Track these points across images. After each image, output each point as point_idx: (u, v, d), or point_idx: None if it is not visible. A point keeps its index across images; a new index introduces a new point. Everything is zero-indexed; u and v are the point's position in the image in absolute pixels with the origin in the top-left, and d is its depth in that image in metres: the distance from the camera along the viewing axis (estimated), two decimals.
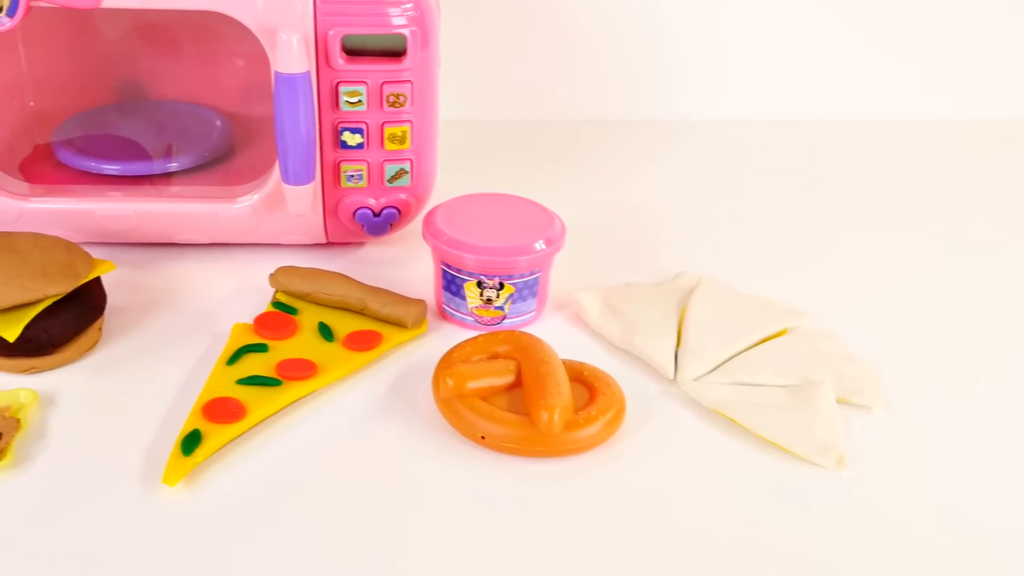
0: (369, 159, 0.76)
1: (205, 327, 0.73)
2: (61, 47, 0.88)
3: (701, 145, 1.06)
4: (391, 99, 0.74)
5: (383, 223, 0.79)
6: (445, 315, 0.75)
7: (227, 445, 0.62)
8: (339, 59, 0.72)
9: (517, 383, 0.66)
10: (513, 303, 0.73)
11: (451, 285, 0.73)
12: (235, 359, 0.68)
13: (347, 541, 0.57)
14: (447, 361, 0.66)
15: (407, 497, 0.60)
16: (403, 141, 0.75)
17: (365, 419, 0.65)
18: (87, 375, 0.68)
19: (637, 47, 1.08)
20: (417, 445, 0.64)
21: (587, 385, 0.66)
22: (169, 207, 0.78)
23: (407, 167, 0.77)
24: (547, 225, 0.73)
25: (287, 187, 0.74)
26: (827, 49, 1.09)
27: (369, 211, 0.78)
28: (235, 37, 0.74)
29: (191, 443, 0.60)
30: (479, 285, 0.72)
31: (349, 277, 0.75)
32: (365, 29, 0.71)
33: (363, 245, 0.84)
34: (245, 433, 0.63)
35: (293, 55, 0.69)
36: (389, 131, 0.75)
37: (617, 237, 0.88)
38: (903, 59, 1.10)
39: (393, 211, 0.79)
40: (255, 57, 0.76)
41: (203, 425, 0.62)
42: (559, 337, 0.72)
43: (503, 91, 1.09)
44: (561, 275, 0.76)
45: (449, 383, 0.64)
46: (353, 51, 0.73)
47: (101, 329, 0.71)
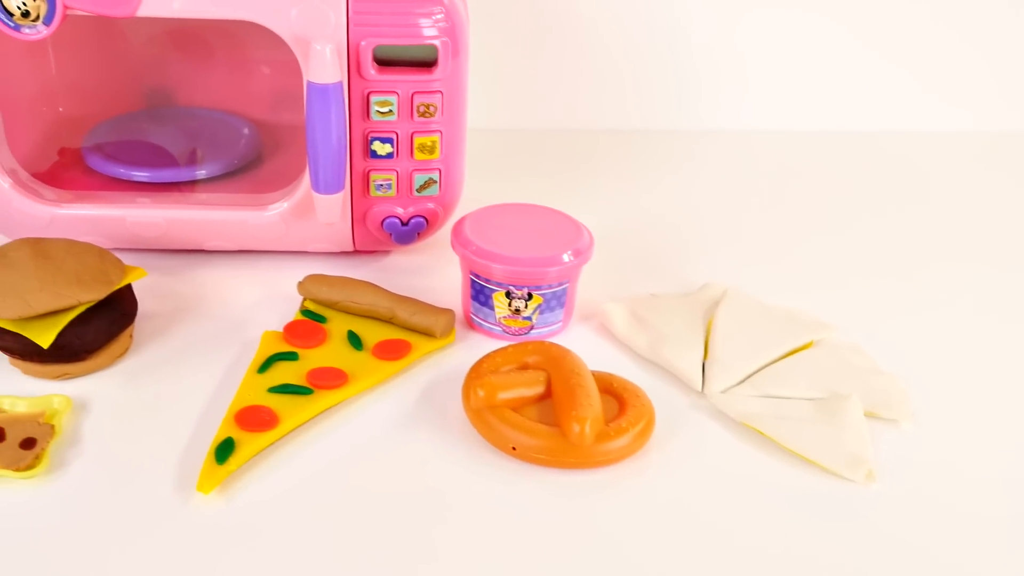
0: (398, 168, 0.76)
1: (234, 334, 0.74)
2: (90, 53, 0.89)
3: (722, 155, 1.07)
4: (421, 109, 0.74)
5: (411, 232, 0.79)
6: (473, 324, 0.75)
7: (259, 453, 0.62)
8: (371, 69, 0.72)
9: (547, 394, 0.66)
10: (541, 313, 0.73)
11: (479, 295, 0.73)
12: (266, 367, 0.68)
13: (379, 551, 0.57)
14: (477, 371, 0.67)
15: (438, 507, 0.60)
16: (432, 151, 0.76)
17: (395, 428, 0.66)
18: (119, 381, 0.68)
19: (658, 56, 1.08)
20: (448, 455, 0.64)
21: (616, 397, 0.66)
22: (199, 214, 0.78)
23: (436, 177, 0.77)
24: (575, 236, 0.74)
25: (317, 196, 0.74)
26: (851, 59, 1.09)
27: (397, 220, 0.79)
28: (264, 44, 0.74)
29: (225, 451, 0.60)
30: (508, 295, 0.72)
31: (377, 286, 0.75)
32: (397, 40, 0.72)
33: (389, 253, 0.84)
34: (277, 441, 0.64)
35: (326, 65, 0.69)
36: (419, 141, 0.75)
37: (641, 247, 0.88)
38: (929, 70, 1.10)
39: (421, 220, 0.79)
40: (283, 65, 0.76)
41: (236, 433, 0.62)
42: (587, 347, 0.72)
43: (523, 99, 1.09)
44: (587, 285, 0.77)
45: (480, 394, 0.64)
46: (384, 61, 0.73)
47: (132, 336, 0.72)
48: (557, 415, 0.63)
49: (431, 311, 0.73)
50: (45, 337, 0.66)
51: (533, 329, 0.74)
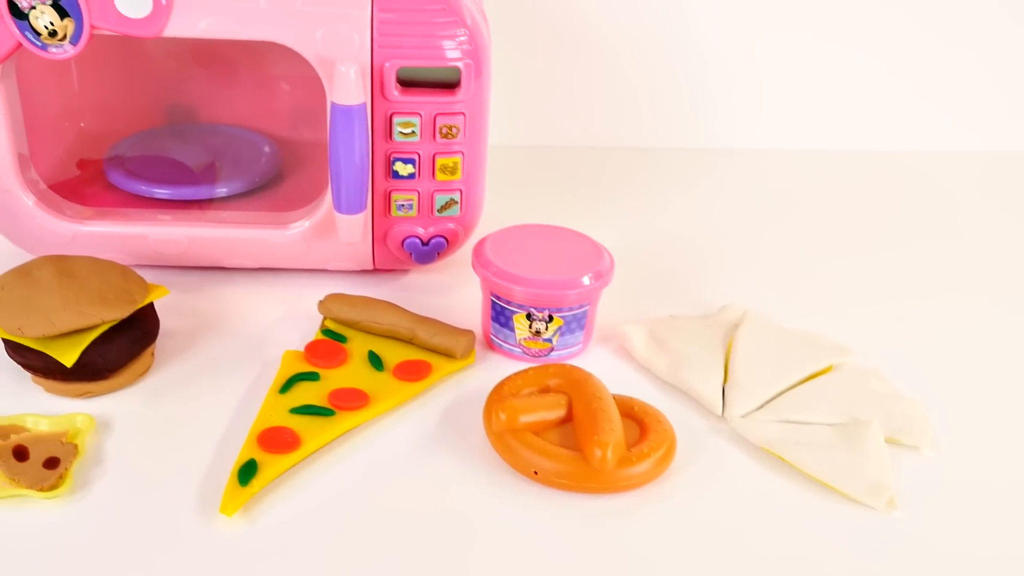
0: (420, 189, 0.77)
1: (255, 353, 0.74)
2: (113, 70, 0.89)
3: (739, 174, 1.07)
4: (444, 130, 0.74)
5: (431, 252, 0.80)
6: (492, 345, 0.75)
7: (281, 475, 0.63)
8: (394, 91, 0.73)
9: (568, 417, 0.66)
10: (561, 335, 0.73)
11: (500, 316, 0.73)
12: (287, 387, 0.68)
13: (402, 574, 0.57)
14: (498, 394, 0.67)
15: (461, 531, 0.60)
16: (454, 172, 0.76)
17: (417, 450, 0.66)
18: (141, 400, 0.69)
19: (674, 74, 1.08)
20: (469, 478, 0.64)
21: (638, 421, 0.66)
22: (221, 232, 0.79)
23: (457, 197, 0.77)
24: (596, 258, 0.74)
25: (339, 216, 0.75)
26: (870, 79, 1.09)
27: (418, 240, 0.79)
28: (285, 62, 0.74)
29: (247, 473, 0.61)
30: (528, 317, 0.72)
31: (398, 306, 0.75)
32: (420, 61, 0.72)
33: (408, 272, 0.84)
34: (299, 463, 0.64)
35: (351, 87, 0.70)
36: (441, 162, 0.76)
37: (659, 266, 0.88)
38: (947, 89, 1.10)
39: (441, 240, 0.79)
40: (304, 81, 0.77)
41: (259, 455, 0.62)
42: (606, 369, 0.72)
43: (538, 116, 1.09)
44: (605, 305, 0.77)
45: (501, 417, 0.64)
46: (407, 82, 0.73)
47: (154, 354, 0.72)
48: (579, 439, 0.63)
49: (451, 332, 0.73)
50: (69, 356, 0.66)
51: (553, 351, 0.74)
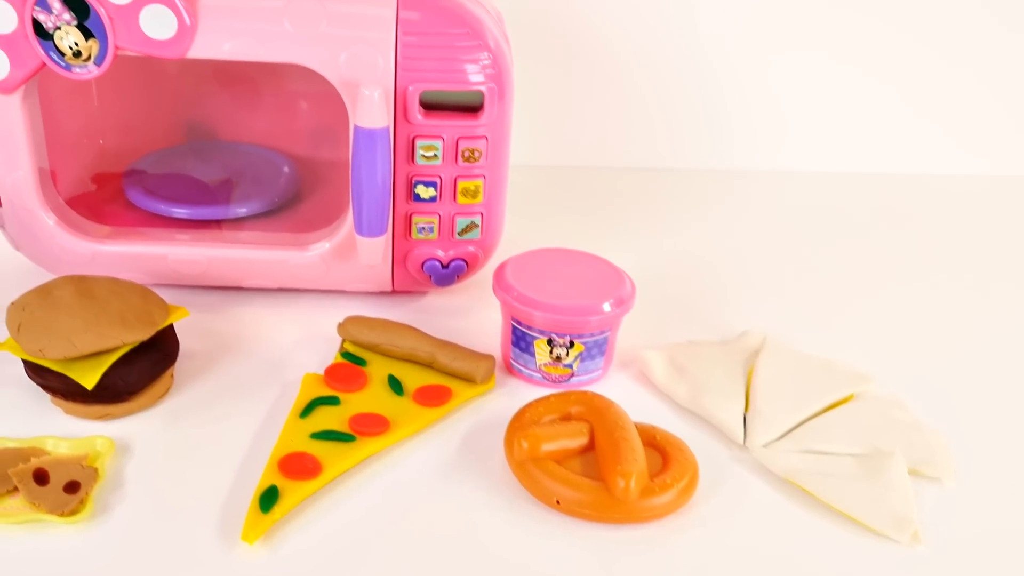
0: (441, 212, 0.77)
1: (275, 375, 0.73)
2: (133, 87, 0.89)
3: (756, 196, 1.07)
4: (466, 154, 0.74)
5: (450, 275, 0.79)
6: (512, 370, 0.75)
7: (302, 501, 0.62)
8: (417, 114, 0.72)
9: (590, 446, 0.66)
10: (582, 361, 0.73)
11: (520, 341, 0.73)
12: (308, 412, 0.68)
13: None
14: (519, 422, 0.67)
15: (483, 560, 0.60)
16: (475, 195, 0.76)
17: (437, 477, 0.65)
18: (161, 423, 0.68)
19: (690, 94, 1.08)
20: (491, 506, 0.63)
21: (660, 450, 0.66)
22: (240, 253, 0.78)
23: (478, 220, 0.77)
24: (618, 284, 0.73)
25: (360, 238, 0.74)
26: (890, 101, 1.09)
27: (438, 263, 0.79)
28: (304, 81, 0.74)
29: (269, 500, 0.60)
30: (549, 343, 0.72)
31: (417, 329, 0.75)
32: (444, 85, 0.72)
33: (426, 293, 0.84)
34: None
35: (374, 110, 0.69)
36: (462, 185, 0.75)
37: (677, 289, 0.88)
38: (970, 113, 1.10)
39: (461, 263, 0.79)
40: (323, 100, 0.76)
41: (280, 481, 0.62)
42: (627, 395, 0.72)
43: (553, 136, 1.09)
44: (624, 329, 0.76)
45: (524, 445, 0.64)
46: (430, 105, 0.73)
47: (173, 375, 0.72)
48: (601, 469, 0.63)
49: (472, 357, 0.73)
50: (89, 378, 0.66)
51: (573, 376, 0.74)
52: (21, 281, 0.78)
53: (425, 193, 0.76)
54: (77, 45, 0.69)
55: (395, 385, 0.71)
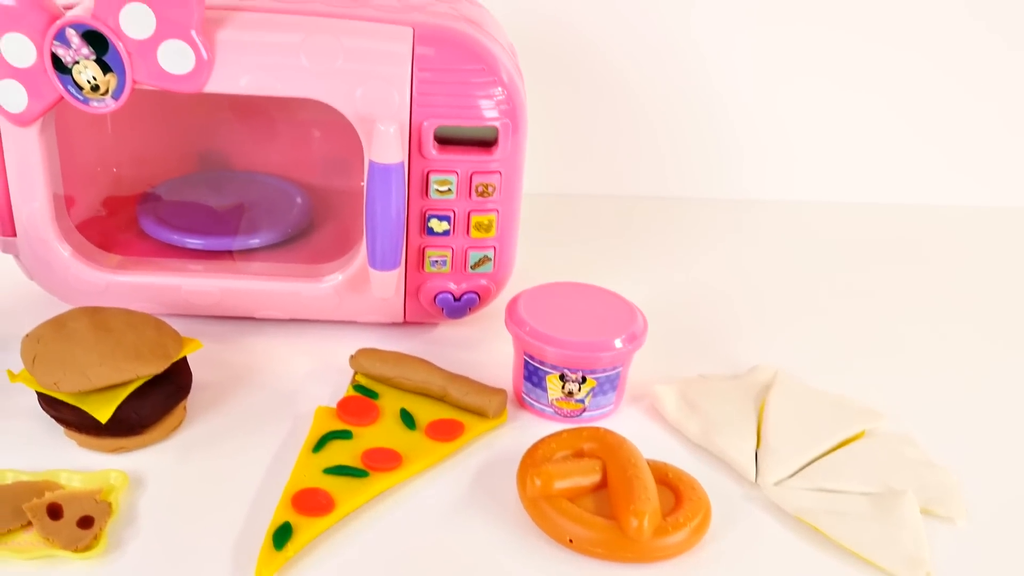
0: (454, 245, 0.77)
1: (287, 407, 0.74)
2: (147, 116, 0.90)
3: (765, 226, 1.07)
4: (480, 189, 0.74)
5: (462, 307, 0.80)
6: (524, 404, 0.75)
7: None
8: (432, 149, 0.73)
9: (602, 483, 0.66)
10: (594, 396, 0.73)
11: (533, 376, 0.73)
12: (320, 446, 0.68)
13: None
14: (532, 458, 0.67)
15: None
16: (488, 229, 0.76)
17: (450, 514, 0.65)
18: (174, 456, 0.68)
19: (698, 123, 1.09)
20: (503, 543, 0.63)
21: (672, 488, 0.66)
22: (254, 284, 0.79)
23: (490, 254, 0.78)
24: (630, 320, 0.74)
25: (373, 271, 0.75)
26: (901, 130, 1.10)
27: (450, 295, 0.79)
28: (317, 111, 0.74)
29: (283, 537, 0.60)
30: (562, 378, 0.72)
31: (429, 363, 0.75)
32: (459, 121, 0.72)
33: (437, 325, 0.84)
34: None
35: (390, 145, 0.70)
36: (476, 219, 0.76)
37: (687, 321, 0.88)
38: (983, 142, 1.10)
39: (473, 296, 0.79)
40: (336, 131, 0.77)
41: (293, 517, 0.62)
42: (638, 431, 0.72)
43: (563, 164, 1.10)
44: (635, 362, 0.76)
45: (536, 483, 0.64)
46: (444, 140, 0.74)
47: (186, 408, 0.72)
48: (614, 507, 0.63)
49: (484, 391, 0.73)
50: (103, 411, 0.66)
51: (585, 411, 0.74)
52: (34, 310, 0.78)
53: (438, 227, 0.76)
54: (95, 79, 0.69)
55: (407, 419, 0.71)
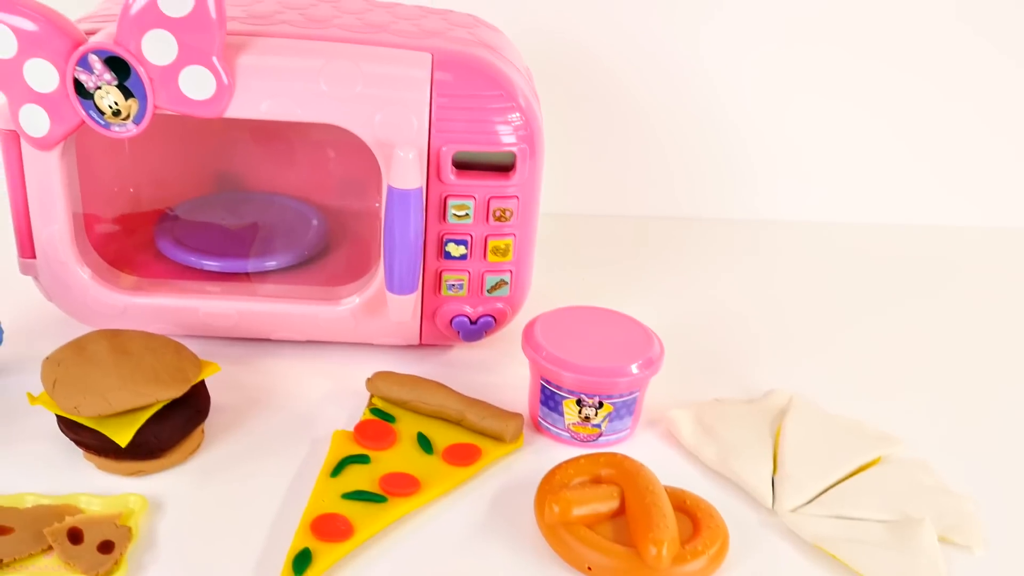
0: (471, 269, 0.77)
1: (304, 431, 0.74)
2: (164, 139, 0.90)
3: (779, 247, 1.07)
4: (497, 214, 0.75)
5: (478, 330, 0.80)
6: (540, 428, 0.75)
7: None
8: (450, 174, 0.73)
9: (620, 510, 0.66)
10: (610, 421, 0.73)
11: (549, 400, 0.73)
12: (338, 471, 0.68)
13: None
14: (549, 484, 0.67)
15: None
16: (505, 253, 0.77)
17: (468, 539, 0.66)
18: (193, 480, 0.69)
19: (710, 143, 1.09)
20: (522, 570, 0.63)
21: (690, 515, 0.66)
22: (271, 307, 0.79)
23: (507, 278, 0.78)
24: (647, 345, 0.74)
25: (391, 295, 0.75)
26: (918, 151, 1.10)
27: (466, 319, 0.79)
28: (334, 133, 0.75)
29: (302, 563, 0.60)
30: (579, 403, 0.72)
31: (446, 387, 0.75)
32: (477, 147, 0.73)
33: (452, 347, 0.85)
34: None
35: (409, 171, 0.70)
36: (493, 244, 0.76)
37: (700, 343, 0.88)
38: (1003, 163, 1.10)
39: (489, 319, 0.79)
40: (352, 152, 0.77)
41: (312, 543, 0.62)
42: (654, 456, 0.72)
43: (576, 185, 1.10)
44: (650, 386, 0.76)
45: (555, 509, 0.64)
46: (462, 164, 0.74)
47: (204, 431, 0.72)
48: (632, 535, 0.63)
49: (501, 416, 0.73)
50: (123, 435, 0.66)
51: (602, 436, 0.74)
52: (52, 331, 0.79)
53: (456, 251, 0.76)
54: (117, 104, 0.69)
55: (424, 443, 0.72)
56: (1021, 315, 0.96)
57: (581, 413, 0.73)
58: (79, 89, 0.69)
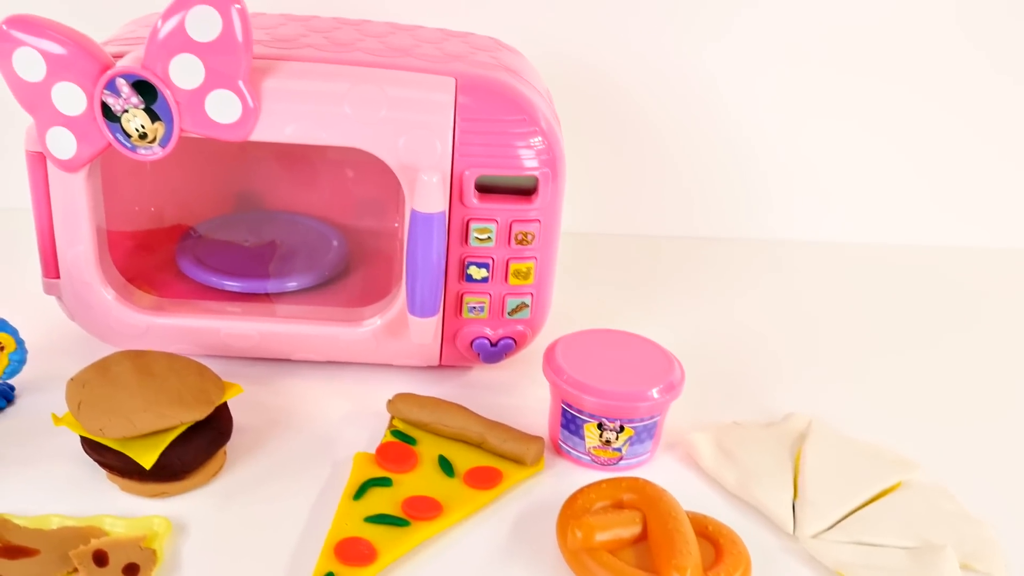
0: (492, 292, 0.77)
1: (326, 452, 0.74)
2: (186, 159, 0.90)
3: (795, 267, 1.07)
4: (519, 237, 0.75)
5: (499, 352, 0.80)
6: (561, 451, 0.76)
7: None
8: (473, 198, 0.74)
9: (642, 535, 0.66)
10: (631, 445, 0.73)
11: (570, 424, 0.74)
12: (361, 494, 0.68)
13: None
14: (571, 509, 0.67)
15: None
16: (527, 277, 0.77)
17: (491, 565, 0.66)
18: (216, 502, 0.69)
19: (722, 163, 1.10)
20: None
21: (712, 541, 0.66)
22: (293, 328, 0.79)
23: (528, 301, 0.78)
24: (667, 369, 0.74)
25: (412, 318, 0.75)
26: (933, 171, 1.10)
27: (487, 341, 0.79)
28: (355, 154, 0.75)
29: None
30: (600, 427, 0.72)
31: (467, 409, 0.76)
32: (499, 171, 0.73)
33: (472, 368, 0.85)
34: None
35: (433, 195, 0.70)
36: (514, 267, 0.76)
37: (719, 365, 0.88)
38: (1014, 184, 1.10)
39: (510, 342, 0.80)
40: (374, 174, 0.77)
41: (336, 567, 0.62)
42: (675, 480, 0.72)
43: (591, 204, 1.10)
44: (669, 408, 0.77)
45: (578, 535, 0.64)
46: (485, 188, 0.74)
47: (226, 452, 0.72)
48: (655, 561, 0.63)
49: (522, 439, 0.73)
50: (148, 457, 0.66)
51: (622, 459, 0.74)
52: (74, 351, 0.79)
53: (477, 274, 0.76)
54: (143, 127, 0.70)
55: (446, 466, 0.72)
56: None
57: (602, 437, 0.73)
58: (106, 112, 0.70)
